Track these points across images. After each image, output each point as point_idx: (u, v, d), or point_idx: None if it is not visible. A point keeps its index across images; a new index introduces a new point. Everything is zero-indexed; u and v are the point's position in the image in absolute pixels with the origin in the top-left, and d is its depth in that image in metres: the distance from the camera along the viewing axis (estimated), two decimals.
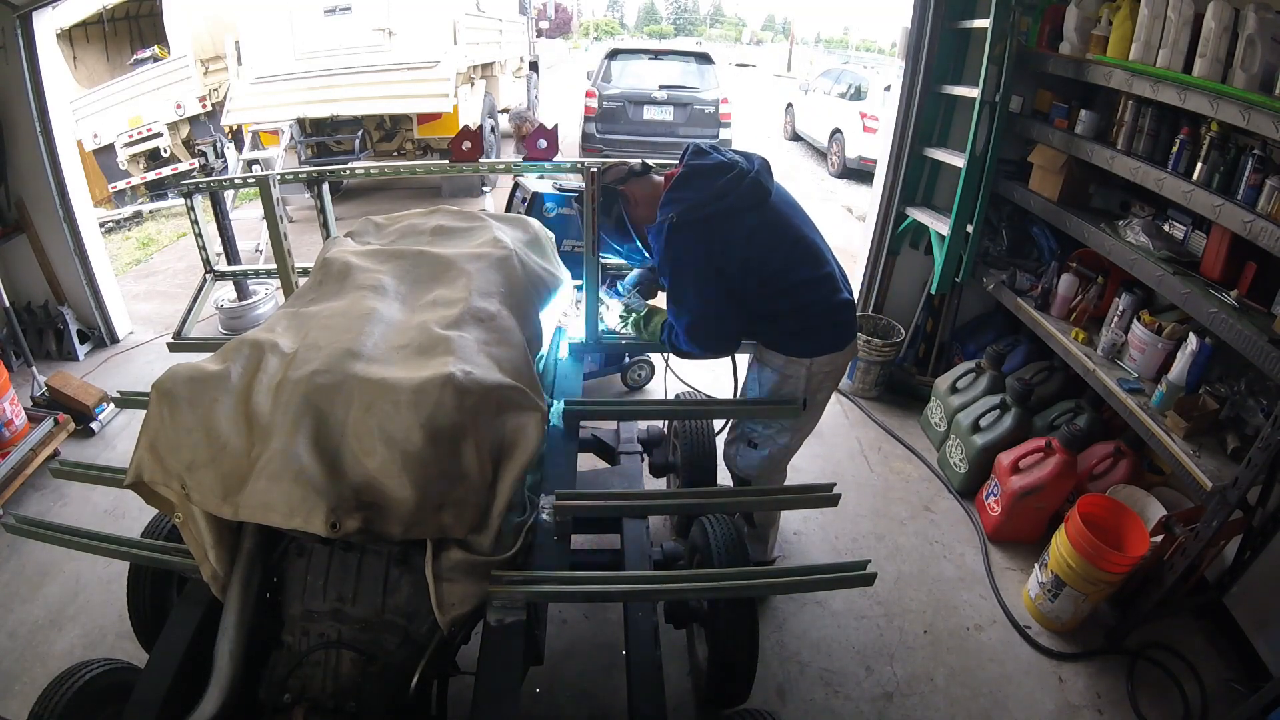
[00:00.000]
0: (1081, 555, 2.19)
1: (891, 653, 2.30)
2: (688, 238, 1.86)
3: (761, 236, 1.91)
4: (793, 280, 1.95)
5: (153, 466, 1.39)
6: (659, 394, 3.58)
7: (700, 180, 1.89)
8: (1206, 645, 2.31)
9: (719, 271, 1.89)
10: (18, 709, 1.93)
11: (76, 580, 2.46)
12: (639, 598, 1.70)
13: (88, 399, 3.31)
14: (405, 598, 1.46)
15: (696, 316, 1.96)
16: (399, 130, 7.10)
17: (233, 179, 4.55)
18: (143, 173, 7.49)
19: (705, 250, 1.87)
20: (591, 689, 2.13)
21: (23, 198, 3.74)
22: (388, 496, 1.32)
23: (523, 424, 1.49)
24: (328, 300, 1.70)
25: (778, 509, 2.46)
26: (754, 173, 1.91)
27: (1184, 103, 2.17)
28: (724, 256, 1.88)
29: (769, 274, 1.93)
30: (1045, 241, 3.11)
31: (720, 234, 1.87)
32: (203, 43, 7.17)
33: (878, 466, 3.19)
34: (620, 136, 7.61)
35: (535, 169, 2.41)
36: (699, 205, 1.85)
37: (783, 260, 1.94)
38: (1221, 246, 2.20)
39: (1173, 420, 2.18)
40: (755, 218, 1.90)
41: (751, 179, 1.89)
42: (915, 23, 3.21)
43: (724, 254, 1.88)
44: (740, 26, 65.90)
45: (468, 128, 2.34)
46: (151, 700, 1.37)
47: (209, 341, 2.69)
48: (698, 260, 1.88)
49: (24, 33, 3.42)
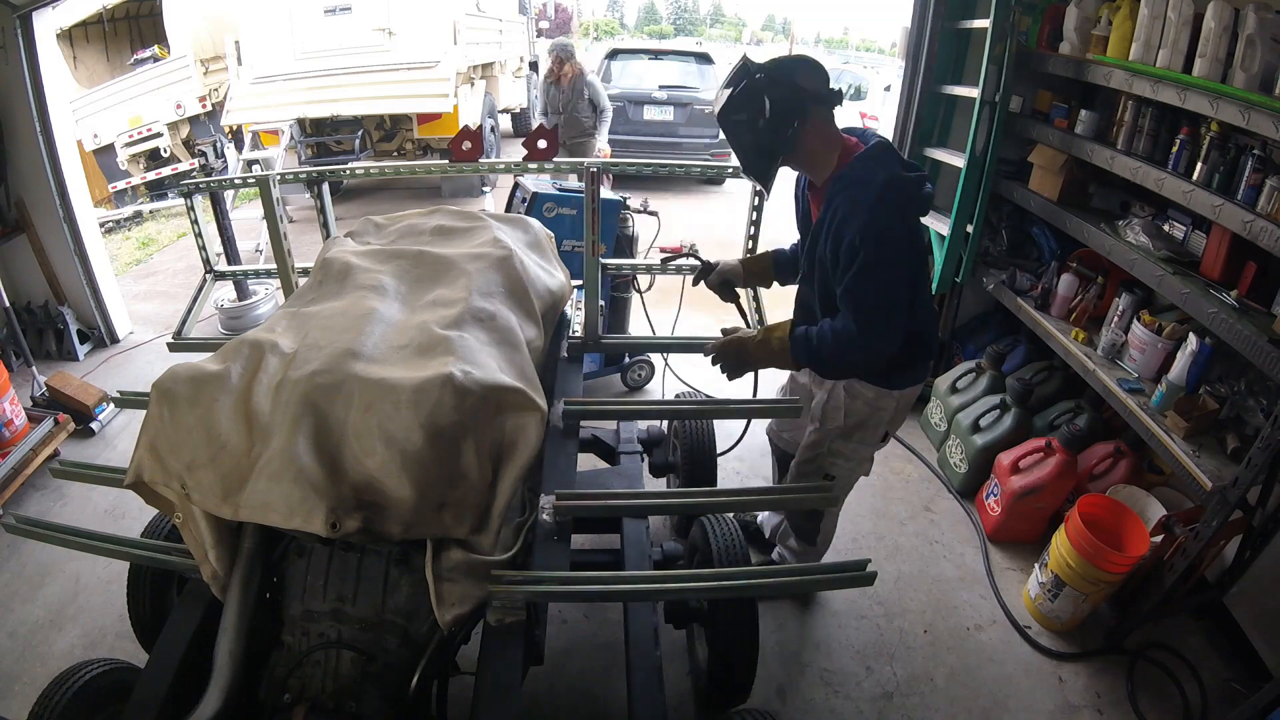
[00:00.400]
0: (1081, 555, 2.19)
1: (891, 653, 2.30)
2: (900, 204, 1.63)
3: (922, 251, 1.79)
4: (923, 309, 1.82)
5: (153, 466, 1.39)
6: (659, 394, 3.59)
7: (899, 163, 1.70)
8: (1206, 645, 2.30)
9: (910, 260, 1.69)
10: (18, 709, 1.93)
11: (76, 580, 2.46)
12: (639, 598, 1.70)
13: (88, 399, 3.31)
14: (405, 598, 1.46)
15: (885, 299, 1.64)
16: (399, 130, 7.11)
17: (233, 179, 4.56)
18: (143, 173, 7.50)
19: (908, 226, 1.67)
20: (591, 689, 2.13)
21: (23, 198, 3.74)
22: (388, 496, 1.32)
23: (523, 424, 1.49)
24: (328, 300, 1.70)
25: (778, 509, 2.46)
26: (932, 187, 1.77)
27: (1184, 103, 2.17)
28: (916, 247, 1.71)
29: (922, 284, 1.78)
30: (1045, 241, 3.11)
31: (914, 224, 1.72)
32: (203, 43, 7.17)
33: (878, 466, 3.16)
34: (620, 136, 7.60)
35: (535, 169, 2.41)
36: (908, 182, 1.66)
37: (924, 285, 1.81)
38: (1221, 246, 2.20)
39: (1173, 420, 2.18)
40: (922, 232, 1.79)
41: (930, 191, 1.74)
42: (915, 23, 3.21)
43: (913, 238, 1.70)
44: (740, 26, 65.93)
45: (468, 128, 2.35)
46: (151, 700, 1.37)
47: (209, 341, 2.69)
48: (902, 234, 1.64)
49: (24, 33, 3.42)
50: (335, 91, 6.42)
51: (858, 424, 1.97)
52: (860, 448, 2.04)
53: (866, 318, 1.64)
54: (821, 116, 1.70)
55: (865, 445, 2.04)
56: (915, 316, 1.75)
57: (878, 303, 1.64)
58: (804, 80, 1.68)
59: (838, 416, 1.98)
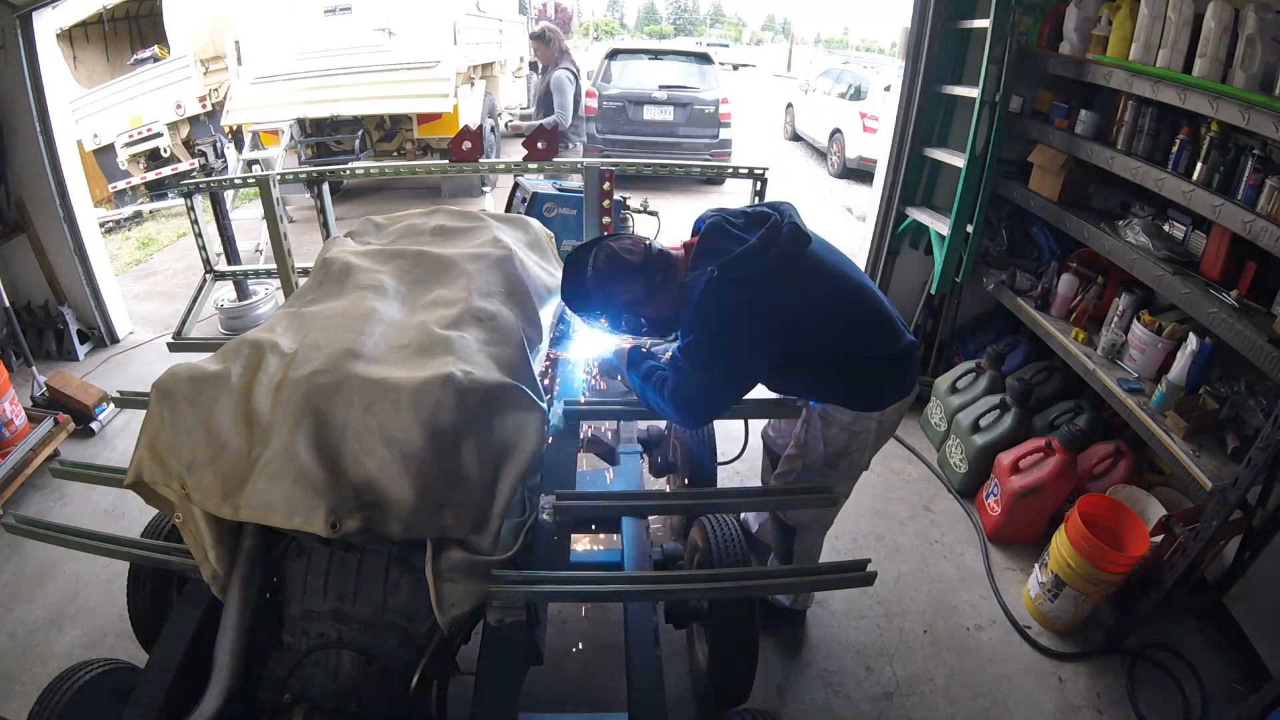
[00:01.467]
0: (1081, 555, 2.19)
1: (891, 653, 2.30)
2: (729, 292, 1.61)
3: (813, 291, 1.69)
4: (855, 336, 1.76)
5: (153, 466, 1.39)
6: None
7: (728, 240, 1.68)
8: (1206, 645, 2.30)
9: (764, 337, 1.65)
10: (18, 709, 1.93)
11: (76, 580, 2.46)
12: (639, 598, 1.70)
13: (88, 399, 3.31)
14: (405, 598, 1.46)
15: (696, 386, 1.68)
16: (399, 130, 7.11)
17: (233, 179, 4.56)
18: (143, 173, 7.49)
19: (748, 308, 1.61)
20: (591, 689, 2.12)
21: (23, 198, 3.74)
22: (388, 496, 1.32)
23: (523, 424, 1.49)
24: (328, 300, 1.70)
25: (778, 509, 2.45)
26: (789, 219, 1.69)
27: (1184, 103, 2.17)
28: (774, 319, 1.64)
29: (829, 333, 1.73)
30: (1045, 241, 3.11)
31: (767, 294, 1.62)
32: (203, 43, 7.18)
33: (878, 466, 3.17)
34: (620, 136, 7.61)
35: (535, 169, 2.40)
36: (740, 260, 1.62)
37: (842, 314, 1.74)
38: (1221, 246, 2.20)
39: (1173, 420, 2.18)
40: (802, 270, 1.68)
41: (789, 225, 1.67)
42: (915, 23, 3.21)
43: (774, 316, 1.64)
44: (740, 26, 65.94)
45: (468, 128, 2.35)
46: (151, 700, 1.37)
47: (209, 341, 2.70)
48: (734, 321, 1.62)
49: (24, 33, 3.42)
50: (335, 91, 6.42)
51: (840, 452, 1.90)
52: (846, 475, 1.98)
53: (679, 398, 1.70)
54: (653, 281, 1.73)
55: (854, 467, 1.97)
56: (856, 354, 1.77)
57: (693, 384, 1.69)
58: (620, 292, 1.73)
59: (818, 446, 1.92)
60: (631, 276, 1.73)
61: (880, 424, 1.89)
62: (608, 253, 1.74)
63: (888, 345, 1.79)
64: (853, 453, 1.91)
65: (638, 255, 1.73)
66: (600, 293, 1.74)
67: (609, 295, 1.75)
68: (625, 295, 1.74)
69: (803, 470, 1.99)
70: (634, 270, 1.73)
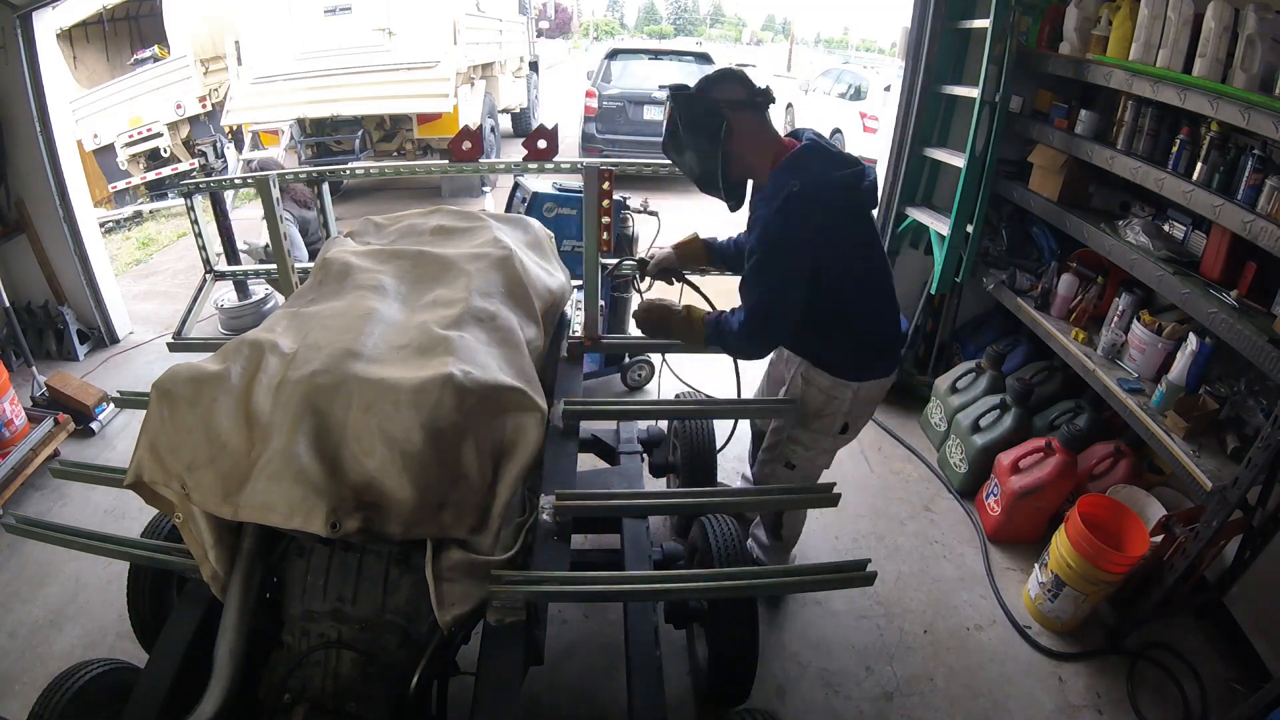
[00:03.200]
0: (1081, 555, 2.19)
1: (891, 653, 2.30)
2: (805, 213, 1.68)
3: (859, 247, 1.81)
4: (869, 303, 1.88)
5: (153, 466, 1.39)
6: (658, 394, 3.58)
7: (826, 162, 1.75)
8: (1206, 645, 2.30)
9: (814, 264, 1.74)
10: (18, 709, 1.93)
11: (76, 580, 2.46)
12: (639, 598, 1.70)
13: (88, 399, 3.31)
14: (405, 598, 1.46)
15: (767, 301, 1.77)
16: (399, 130, 7.11)
17: (233, 179, 4.55)
18: (143, 173, 7.50)
19: (815, 234, 1.70)
20: (591, 689, 2.13)
21: (23, 198, 3.74)
22: (388, 496, 1.32)
23: (523, 424, 1.49)
24: (328, 300, 1.70)
25: (778, 509, 2.46)
26: (871, 179, 1.79)
27: (1184, 103, 2.17)
28: (827, 251, 1.73)
29: (852, 289, 1.82)
30: (1045, 241, 3.11)
31: (833, 225, 1.72)
32: (203, 43, 7.18)
33: (878, 466, 3.19)
34: (620, 136, 7.61)
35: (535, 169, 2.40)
36: (828, 185, 1.71)
37: (868, 279, 1.86)
38: (1221, 246, 2.20)
39: (1173, 420, 2.18)
40: (863, 226, 1.82)
41: (870, 183, 1.78)
42: (915, 23, 3.21)
43: (828, 249, 1.73)
44: (740, 26, 65.91)
45: (468, 128, 2.34)
46: (151, 700, 1.37)
47: (209, 341, 2.69)
48: (802, 243, 1.71)
49: (24, 33, 3.42)
50: (335, 91, 6.43)
51: (815, 412, 2.01)
52: (819, 436, 2.07)
53: (751, 313, 1.80)
54: (748, 122, 1.79)
55: (823, 434, 2.07)
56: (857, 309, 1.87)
57: (759, 301, 1.78)
58: (722, 92, 1.78)
59: None
60: (741, 97, 1.78)
61: (856, 396, 1.97)
62: (707, 84, 1.82)
63: (887, 325, 1.94)
64: (825, 416, 2.01)
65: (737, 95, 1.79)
66: (703, 100, 1.78)
67: (713, 85, 1.79)
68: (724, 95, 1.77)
69: (778, 425, 2.10)
70: (744, 100, 1.78)
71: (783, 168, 1.75)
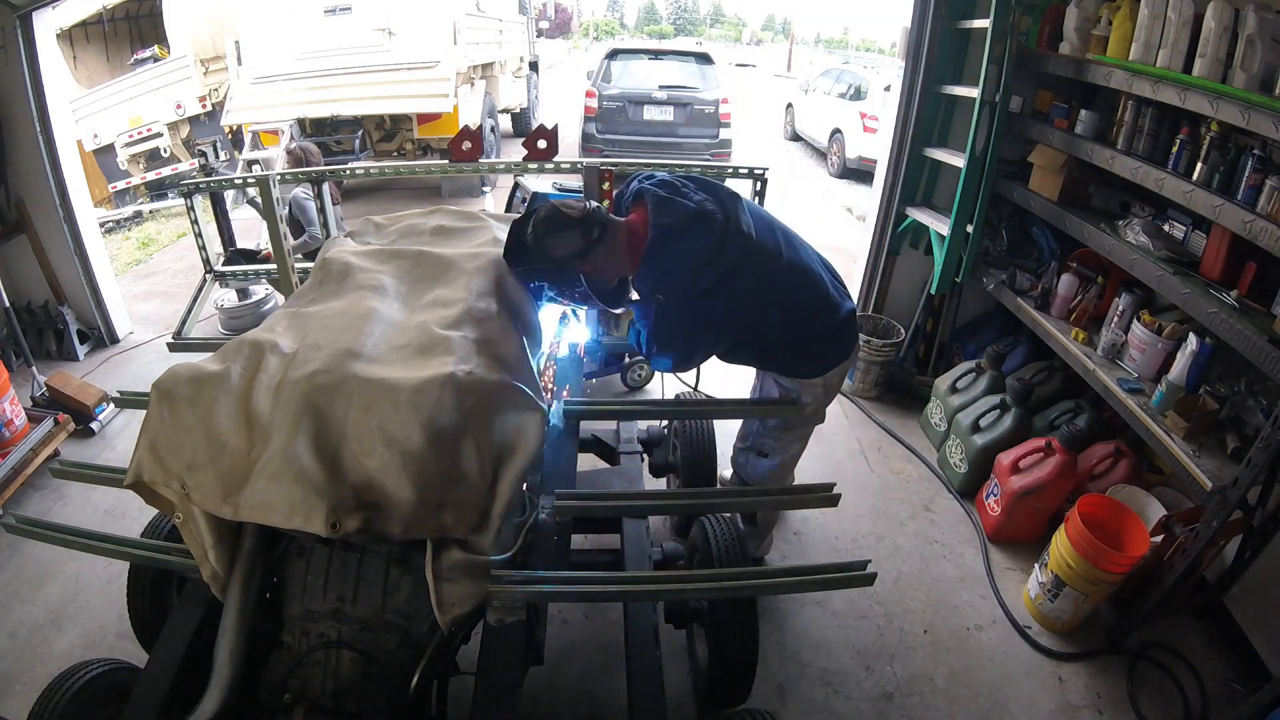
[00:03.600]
0: (1081, 555, 2.19)
1: (891, 653, 2.30)
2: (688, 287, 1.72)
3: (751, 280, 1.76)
4: (800, 307, 1.89)
5: (153, 467, 1.39)
6: (659, 394, 3.58)
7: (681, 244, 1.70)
8: (1206, 645, 2.31)
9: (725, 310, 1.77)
10: (18, 709, 1.93)
11: (76, 580, 2.46)
12: (639, 598, 1.70)
13: (88, 399, 3.31)
14: (405, 598, 1.46)
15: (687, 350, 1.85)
16: (399, 130, 7.11)
17: (233, 179, 4.55)
18: (143, 173, 7.50)
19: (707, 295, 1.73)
20: (591, 689, 2.13)
21: (23, 198, 3.74)
22: (388, 496, 1.32)
23: (523, 424, 1.49)
24: (328, 300, 1.70)
25: (779, 509, 2.46)
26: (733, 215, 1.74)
27: (1184, 103, 2.17)
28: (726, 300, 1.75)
29: (768, 319, 1.85)
30: (1045, 241, 3.11)
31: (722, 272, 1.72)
32: (203, 43, 7.18)
33: (878, 466, 3.19)
34: (620, 136, 7.61)
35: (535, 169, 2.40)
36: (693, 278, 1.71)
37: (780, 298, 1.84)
38: (1221, 246, 2.20)
39: (1173, 420, 2.18)
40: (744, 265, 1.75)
41: (734, 224, 1.73)
42: (915, 23, 3.21)
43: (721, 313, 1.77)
44: (740, 26, 65.91)
45: (468, 128, 2.35)
46: (151, 700, 1.37)
47: (209, 341, 2.69)
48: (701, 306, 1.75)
49: (24, 33, 3.42)
50: (335, 91, 6.43)
51: None
52: (797, 429, 2.17)
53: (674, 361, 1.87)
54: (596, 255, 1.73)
55: (803, 426, 2.17)
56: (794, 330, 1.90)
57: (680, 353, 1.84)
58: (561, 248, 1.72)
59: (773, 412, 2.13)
60: (569, 228, 1.71)
61: (826, 386, 2.05)
62: (548, 208, 1.76)
63: (825, 321, 1.93)
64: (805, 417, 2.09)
65: (577, 211, 1.74)
66: (538, 247, 1.73)
67: (547, 250, 1.73)
68: (563, 250, 1.72)
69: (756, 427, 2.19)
70: (572, 222, 1.72)
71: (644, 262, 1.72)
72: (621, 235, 1.78)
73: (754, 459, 2.23)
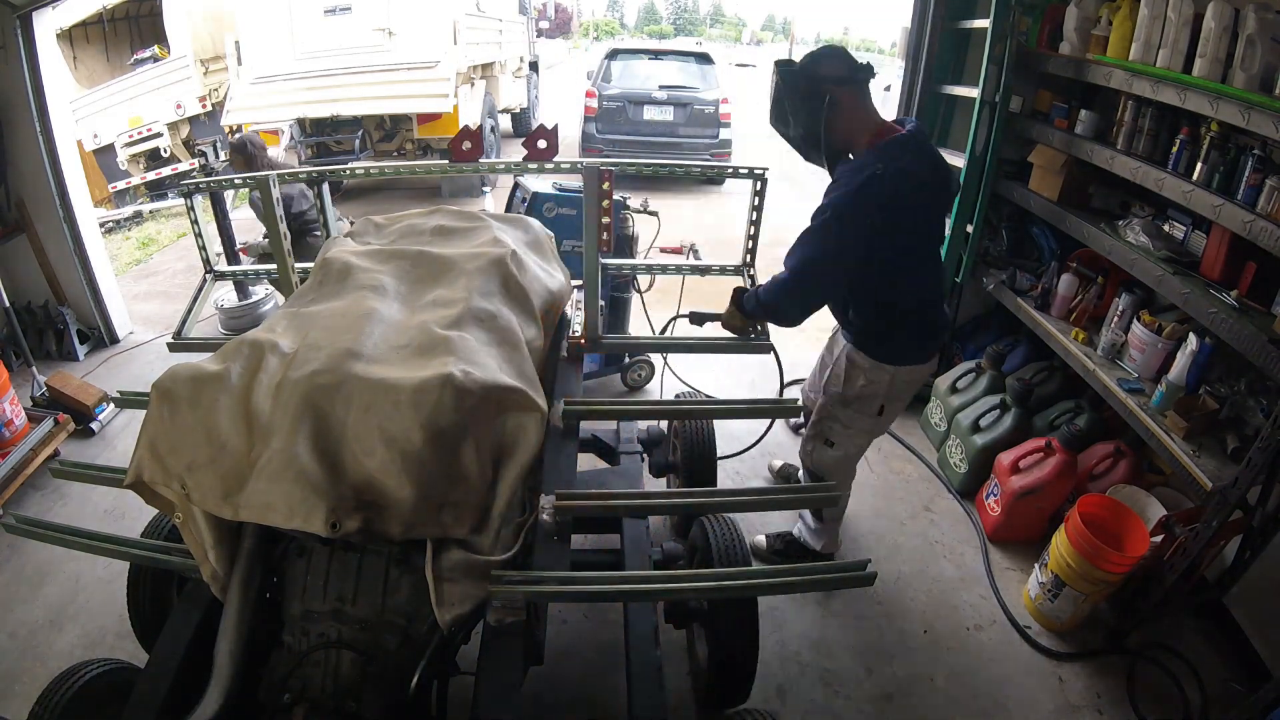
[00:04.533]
0: (1081, 555, 2.19)
1: (891, 653, 2.30)
2: (880, 195, 1.80)
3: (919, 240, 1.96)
4: (916, 293, 2.02)
5: (153, 467, 1.39)
6: (659, 394, 3.59)
7: (917, 156, 1.88)
8: (1206, 645, 2.30)
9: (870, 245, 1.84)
10: (18, 709, 1.93)
11: (76, 580, 2.46)
12: (639, 598, 1.70)
13: (88, 399, 3.31)
14: (405, 598, 1.46)
15: (814, 261, 1.89)
16: (399, 130, 7.12)
17: (233, 179, 4.55)
18: (143, 173, 7.51)
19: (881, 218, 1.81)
20: (591, 689, 2.13)
21: (23, 198, 3.74)
22: (388, 496, 1.32)
23: (523, 424, 1.49)
24: (328, 300, 1.70)
25: (779, 509, 2.46)
26: (956, 178, 1.97)
27: (1184, 103, 2.17)
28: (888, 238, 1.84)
29: (903, 278, 1.95)
30: (1045, 241, 3.11)
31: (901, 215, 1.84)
32: (203, 43, 7.19)
33: (878, 466, 3.19)
34: (620, 136, 7.61)
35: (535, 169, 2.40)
36: (910, 178, 1.83)
37: (920, 270, 2.00)
38: (1221, 246, 2.20)
39: (1173, 420, 2.18)
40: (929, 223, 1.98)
41: (957, 184, 1.97)
42: (915, 23, 3.21)
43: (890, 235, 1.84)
44: (740, 26, 65.94)
45: (468, 128, 2.34)
46: (151, 700, 1.37)
47: (209, 341, 2.69)
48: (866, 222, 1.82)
49: (24, 33, 3.42)
50: (335, 91, 6.43)
51: (856, 394, 2.15)
52: (857, 416, 2.21)
53: (794, 271, 1.91)
54: (848, 97, 1.89)
55: (861, 415, 2.20)
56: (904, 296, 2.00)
57: (806, 259, 1.89)
58: (825, 69, 1.90)
59: (838, 384, 2.20)
60: (842, 74, 1.89)
61: (894, 380, 2.11)
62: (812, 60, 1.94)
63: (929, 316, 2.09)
64: (864, 397, 2.16)
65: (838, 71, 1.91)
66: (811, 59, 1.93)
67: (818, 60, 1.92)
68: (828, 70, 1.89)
69: (822, 404, 2.27)
70: (845, 77, 1.89)
71: (877, 148, 1.87)
72: (869, 116, 1.93)
73: (820, 448, 2.29)
